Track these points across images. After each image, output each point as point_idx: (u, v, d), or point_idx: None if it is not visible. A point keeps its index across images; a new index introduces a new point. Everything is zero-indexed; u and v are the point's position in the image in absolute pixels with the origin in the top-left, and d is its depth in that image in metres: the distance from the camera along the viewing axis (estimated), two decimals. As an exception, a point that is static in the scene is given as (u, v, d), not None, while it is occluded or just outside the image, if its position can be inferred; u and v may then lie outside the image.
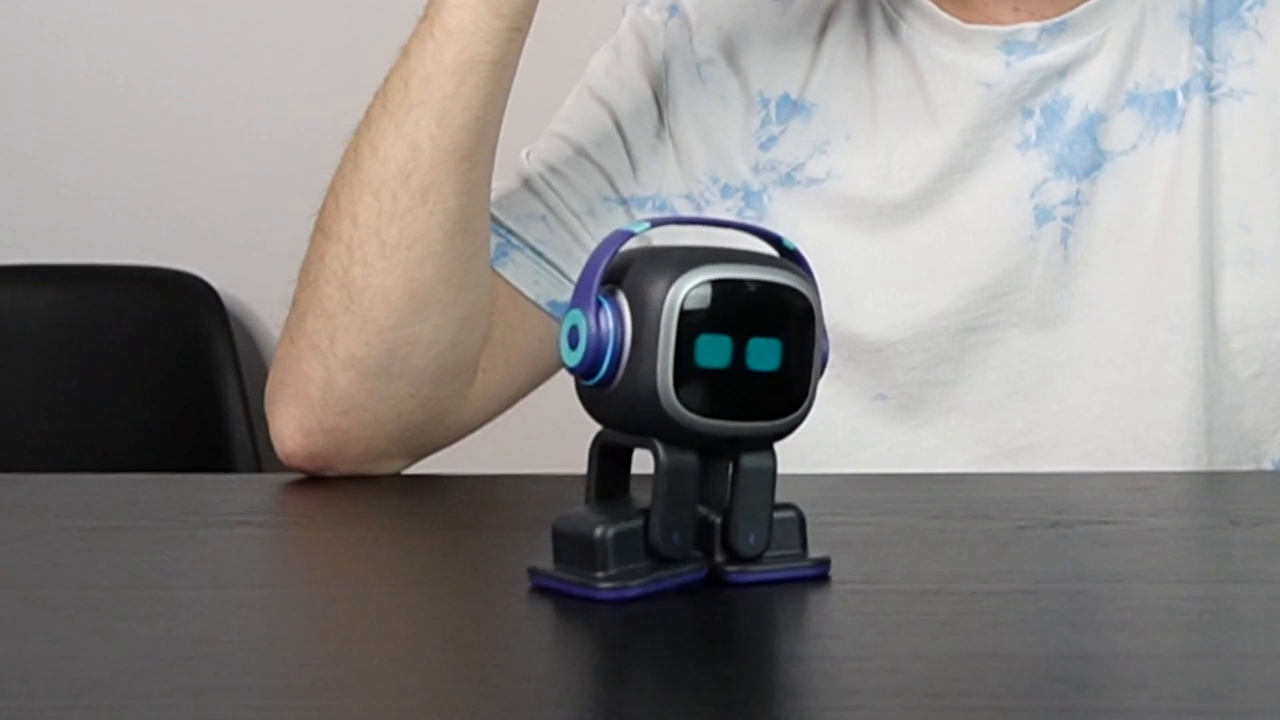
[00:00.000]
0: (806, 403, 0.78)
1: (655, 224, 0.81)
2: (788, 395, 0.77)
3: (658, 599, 0.77)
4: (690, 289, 0.75)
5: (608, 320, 0.76)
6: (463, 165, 1.09)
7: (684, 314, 0.75)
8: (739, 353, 0.76)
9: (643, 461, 0.79)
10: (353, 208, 1.09)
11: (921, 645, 0.72)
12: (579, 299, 0.77)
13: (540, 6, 1.09)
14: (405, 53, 1.10)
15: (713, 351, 0.76)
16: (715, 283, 0.76)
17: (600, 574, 0.76)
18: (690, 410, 0.76)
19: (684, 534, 0.77)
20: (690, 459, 0.77)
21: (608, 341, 0.76)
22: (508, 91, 1.10)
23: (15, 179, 2.19)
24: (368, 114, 1.10)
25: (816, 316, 0.78)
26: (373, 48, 2.12)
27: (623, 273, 0.77)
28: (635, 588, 0.76)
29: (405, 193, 1.08)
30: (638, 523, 0.76)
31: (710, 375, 0.76)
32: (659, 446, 0.76)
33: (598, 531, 0.76)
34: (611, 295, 0.77)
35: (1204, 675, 0.68)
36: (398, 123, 1.08)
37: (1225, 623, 0.76)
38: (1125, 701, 0.65)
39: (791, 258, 0.80)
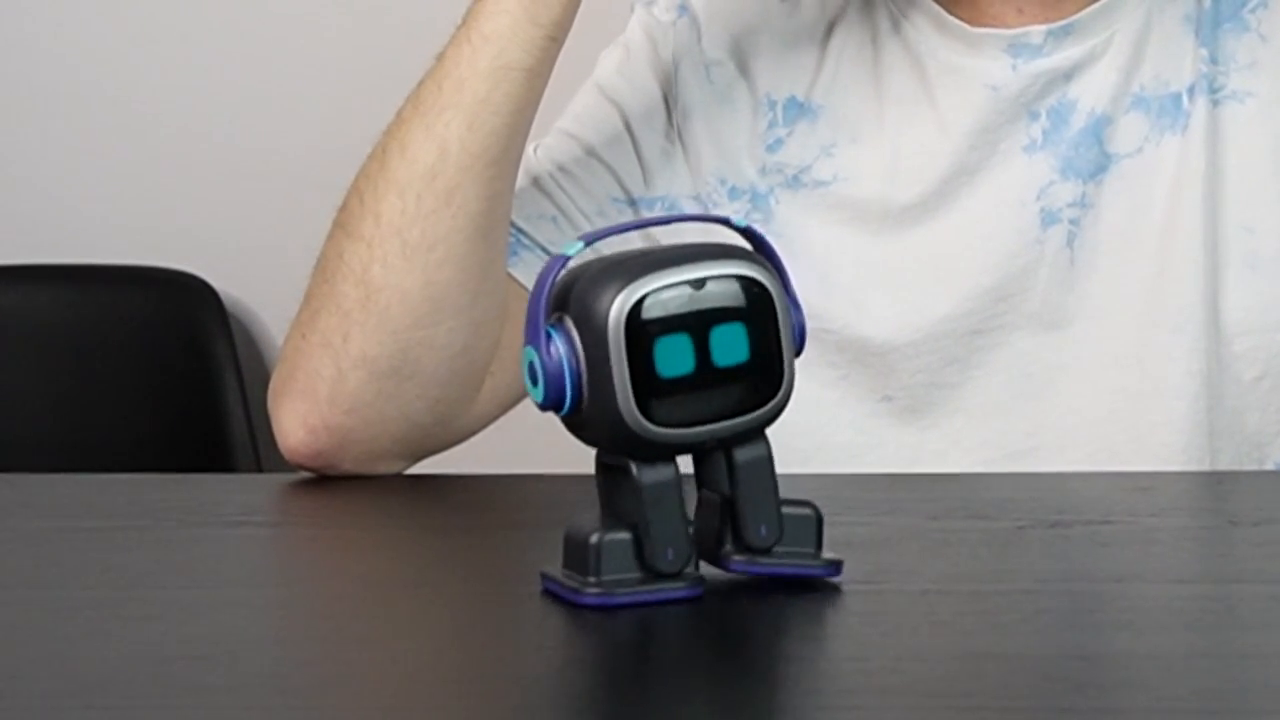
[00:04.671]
0: (784, 386, 0.77)
1: (588, 242, 0.79)
2: (763, 383, 0.76)
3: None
4: (633, 304, 0.75)
5: (558, 351, 0.76)
6: (489, 171, 1.09)
7: (632, 330, 0.74)
8: (703, 353, 0.75)
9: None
10: (376, 206, 1.09)
11: (921, 645, 0.72)
12: (529, 334, 0.76)
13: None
14: (441, 57, 1.10)
15: (673, 360, 0.75)
16: (659, 290, 0.75)
17: (591, 579, 0.76)
18: (659, 424, 0.75)
19: (678, 548, 0.76)
20: (668, 473, 0.76)
21: (563, 372, 0.75)
22: (538, 101, 1.10)
23: (15, 179, 2.19)
24: (399, 114, 1.11)
25: (775, 296, 0.76)
26: (372, 52, 2.12)
27: (567, 297, 0.76)
28: (621, 596, 0.76)
29: (430, 194, 1.08)
30: (631, 533, 0.76)
31: (677, 384, 0.75)
32: (632, 466, 0.76)
33: (592, 539, 0.76)
34: (560, 324, 0.76)
35: (1204, 675, 0.68)
36: (428, 124, 1.08)
37: (1225, 623, 0.76)
38: (1125, 701, 0.65)
39: (746, 235, 0.79)
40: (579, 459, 0.82)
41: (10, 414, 2.10)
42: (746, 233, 0.79)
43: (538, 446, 1.51)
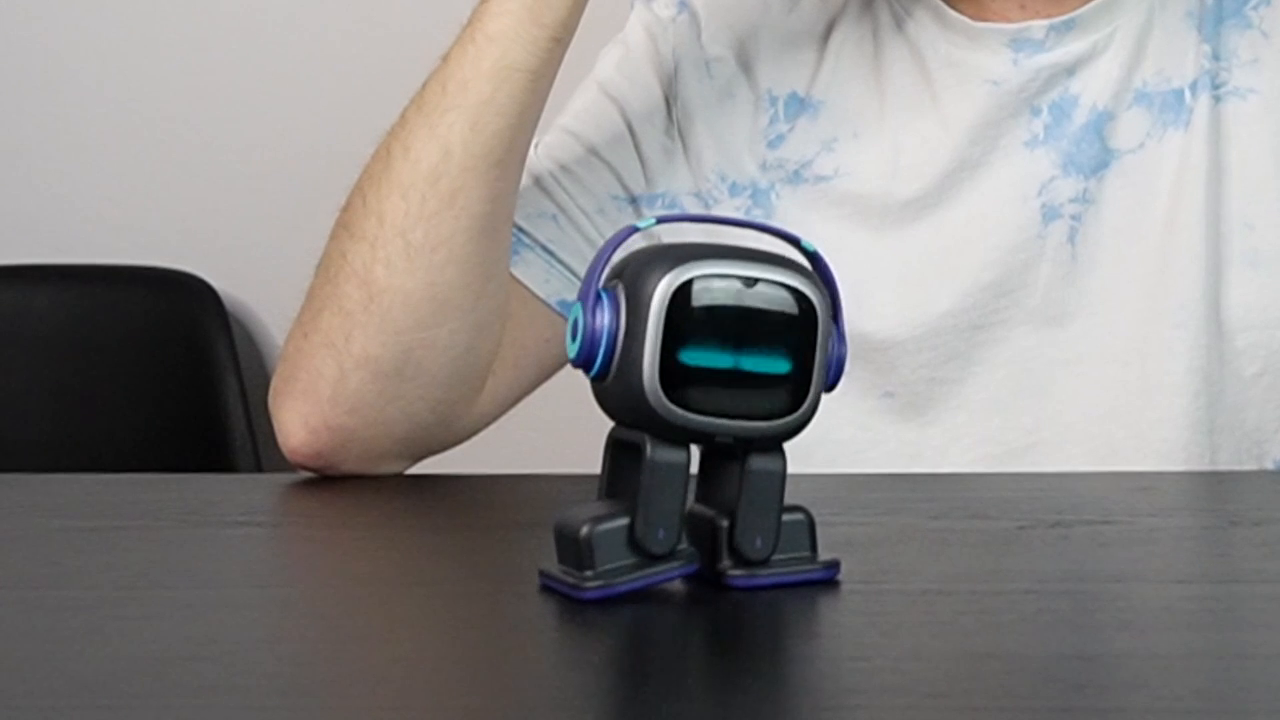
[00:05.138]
0: (808, 405, 0.77)
1: (661, 220, 0.81)
2: (789, 397, 0.77)
3: (660, 600, 0.77)
4: (680, 283, 0.75)
5: (603, 314, 0.76)
6: (492, 172, 1.09)
7: (674, 309, 0.75)
8: (737, 350, 0.76)
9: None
10: (379, 206, 1.09)
11: (922, 645, 0.72)
12: (582, 292, 0.77)
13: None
14: (445, 58, 1.10)
15: (707, 350, 0.76)
16: (710, 277, 0.76)
17: (588, 573, 0.76)
18: (679, 406, 0.75)
19: (669, 530, 0.77)
20: (679, 455, 0.76)
21: (601, 335, 0.76)
22: (543, 102, 1.10)
23: (15, 179, 2.19)
24: (402, 115, 1.11)
25: (821, 318, 0.77)
26: (374, 52, 2.12)
27: (626, 267, 0.77)
28: (621, 584, 0.76)
29: (434, 195, 1.08)
30: (623, 520, 0.76)
31: (705, 373, 0.76)
32: (646, 441, 0.76)
33: (583, 530, 0.77)
34: (612, 290, 0.77)
35: (1204, 675, 0.68)
36: (431, 125, 1.08)
37: (1225, 623, 0.76)
38: (1125, 701, 0.65)
39: (811, 259, 0.80)
40: (579, 459, 0.82)
41: (10, 414, 2.10)
42: (813, 257, 0.80)
43: (538, 446, 1.51)
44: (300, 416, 1.10)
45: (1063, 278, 1.16)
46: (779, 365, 0.76)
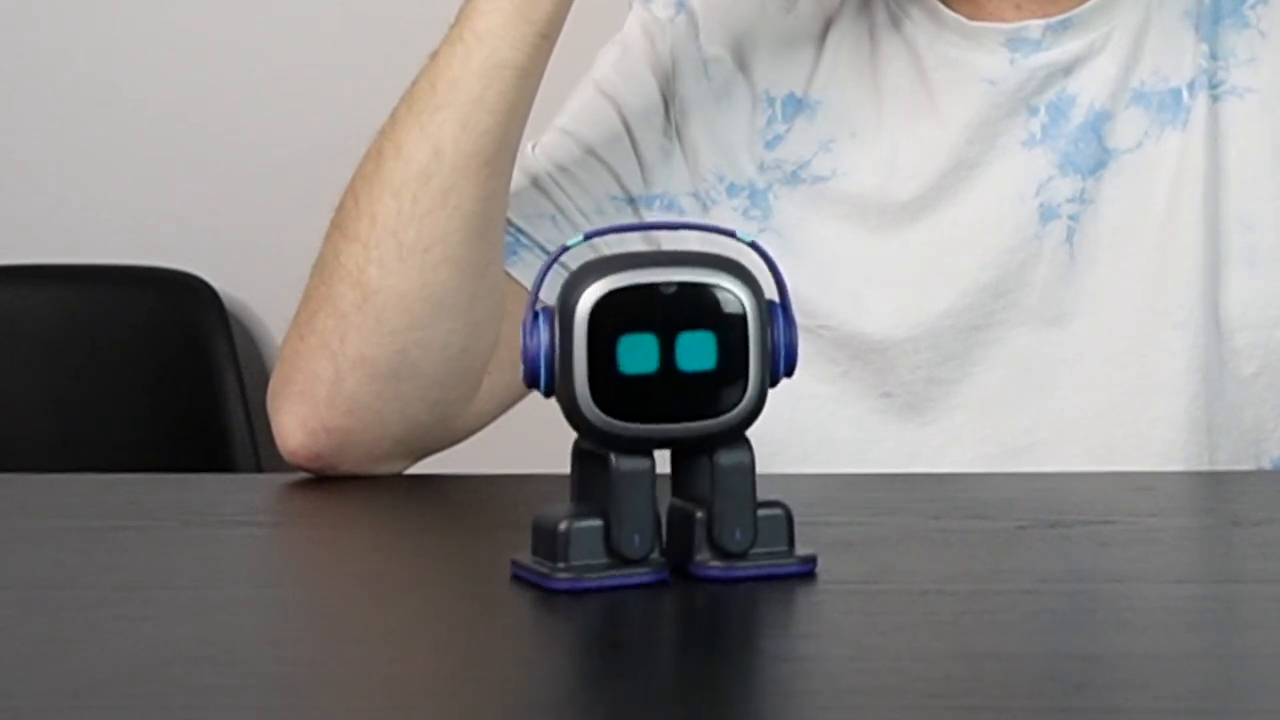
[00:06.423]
0: (750, 398, 0.78)
1: (588, 236, 0.83)
2: (728, 392, 0.78)
3: (658, 600, 0.77)
4: (599, 297, 0.77)
5: (538, 334, 0.79)
6: (483, 171, 1.09)
7: (596, 322, 0.77)
8: (667, 355, 0.77)
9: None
10: (372, 207, 1.09)
11: (921, 645, 0.72)
12: (524, 315, 0.79)
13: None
14: (434, 56, 1.10)
15: (635, 357, 0.77)
16: (629, 289, 0.77)
17: (560, 565, 0.77)
18: (614, 417, 0.77)
19: (644, 535, 0.78)
20: (643, 463, 0.78)
21: (538, 355, 0.79)
22: (532, 100, 1.10)
23: (15, 179, 2.19)
24: (393, 114, 1.11)
25: (750, 311, 0.78)
26: (371, 51, 2.12)
27: (562, 286, 0.79)
28: (590, 581, 0.78)
29: (425, 195, 1.08)
30: (600, 521, 0.78)
31: (637, 381, 0.77)
32: (610, 453, 0.78)
33: (561, 525, 0.78)
34: (549, 309, 0.79)
35: (1204, 675, 0.69)
36: (422, 124, 1.08)
37: (1225, 623, 0.76)
38: (1125, 701, 0.65)
39: (753, 249, 0.80)
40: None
41: (10, 414, 2.10)
42: (752, 247, 0.80)
43: (538, 446, 1.50)
44: (298, 419, 1.10)
45: (1060, 278, 1.16)
46: (709, 362, 0.77)
